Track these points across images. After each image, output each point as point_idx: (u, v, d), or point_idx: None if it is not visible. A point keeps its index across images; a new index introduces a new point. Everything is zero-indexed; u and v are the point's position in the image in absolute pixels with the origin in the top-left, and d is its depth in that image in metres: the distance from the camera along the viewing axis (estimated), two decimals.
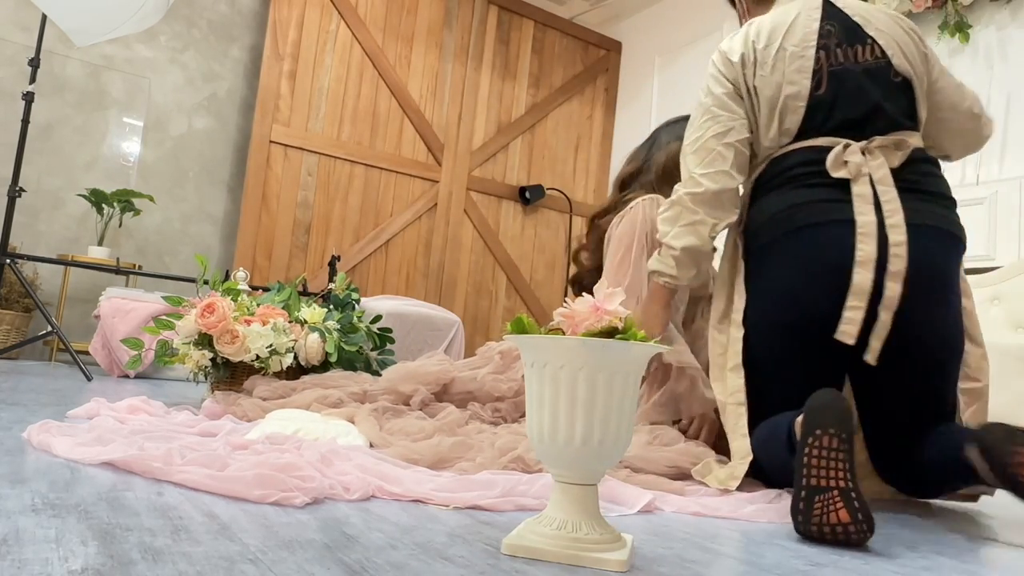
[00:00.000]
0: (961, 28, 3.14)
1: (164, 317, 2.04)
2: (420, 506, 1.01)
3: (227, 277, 2.52)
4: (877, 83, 1.42)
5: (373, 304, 2.66)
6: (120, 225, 3.59)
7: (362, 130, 4.12)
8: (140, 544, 0.71)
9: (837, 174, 1.34)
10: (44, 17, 2.72)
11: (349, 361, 2.09)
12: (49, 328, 2.64)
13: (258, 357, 1.90)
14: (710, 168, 1.44)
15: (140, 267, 3.46)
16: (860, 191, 1.32)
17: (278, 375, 1.95)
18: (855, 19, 1.46)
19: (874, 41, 1.44)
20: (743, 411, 1.37)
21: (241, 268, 2.71)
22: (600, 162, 4.94)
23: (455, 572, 0.72)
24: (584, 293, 0.84)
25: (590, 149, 4.92)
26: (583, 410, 0.79)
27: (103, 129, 3.72)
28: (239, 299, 2.00)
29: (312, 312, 2.07)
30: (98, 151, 3.71)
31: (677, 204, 1.47)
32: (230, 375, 1.95)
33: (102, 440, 1.15)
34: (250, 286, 2.40)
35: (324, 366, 2.04)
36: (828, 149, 1.37)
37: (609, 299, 0.82)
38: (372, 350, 2.20)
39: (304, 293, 3.42)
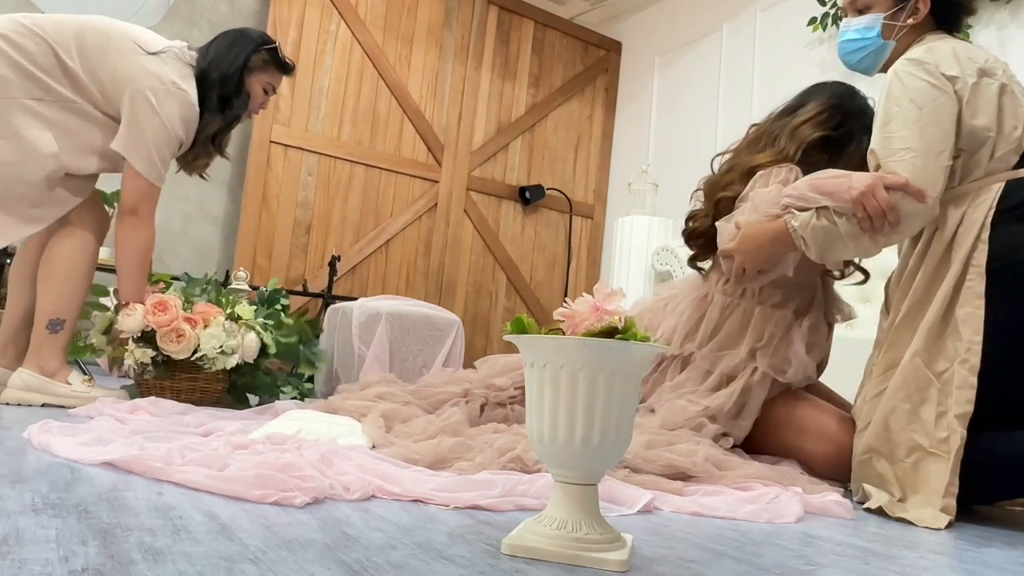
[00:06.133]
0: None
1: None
2: (420, 506, 1.01)
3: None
4: None
5: (373, 304, 2.66)
6: None
7: (362, 130, 4.12)
8: (140, 544, 0.71)
9: None
10: None
11: (288, 350, 2.20)
12: None
13: (203, 356, 1.94)
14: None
15: None
16: None
17: (216, 374, 2.01)
18: None
19: None
20: (958, 467, 1.24)
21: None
22: (600, 162, 4.94)
23: (455, 572, 0.72)
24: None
25: (590, 149, 4.91)
26: (583, 410, 0.79)
27: None
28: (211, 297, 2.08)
29: (244, 309, 2.11)
30: None
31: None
32: (170, 373, 1.97)
33: (102, 440, 1.16)
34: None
35: (263, 356, 2.11)
36: None
37: (609, 299, 0.82)
38: (299, 343, 2.27)
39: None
